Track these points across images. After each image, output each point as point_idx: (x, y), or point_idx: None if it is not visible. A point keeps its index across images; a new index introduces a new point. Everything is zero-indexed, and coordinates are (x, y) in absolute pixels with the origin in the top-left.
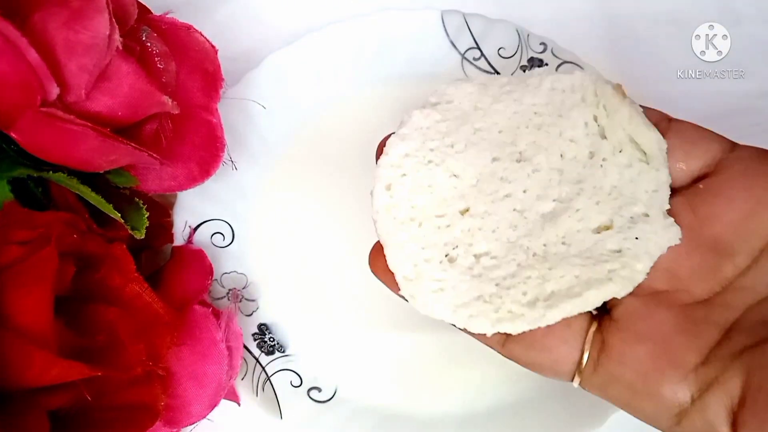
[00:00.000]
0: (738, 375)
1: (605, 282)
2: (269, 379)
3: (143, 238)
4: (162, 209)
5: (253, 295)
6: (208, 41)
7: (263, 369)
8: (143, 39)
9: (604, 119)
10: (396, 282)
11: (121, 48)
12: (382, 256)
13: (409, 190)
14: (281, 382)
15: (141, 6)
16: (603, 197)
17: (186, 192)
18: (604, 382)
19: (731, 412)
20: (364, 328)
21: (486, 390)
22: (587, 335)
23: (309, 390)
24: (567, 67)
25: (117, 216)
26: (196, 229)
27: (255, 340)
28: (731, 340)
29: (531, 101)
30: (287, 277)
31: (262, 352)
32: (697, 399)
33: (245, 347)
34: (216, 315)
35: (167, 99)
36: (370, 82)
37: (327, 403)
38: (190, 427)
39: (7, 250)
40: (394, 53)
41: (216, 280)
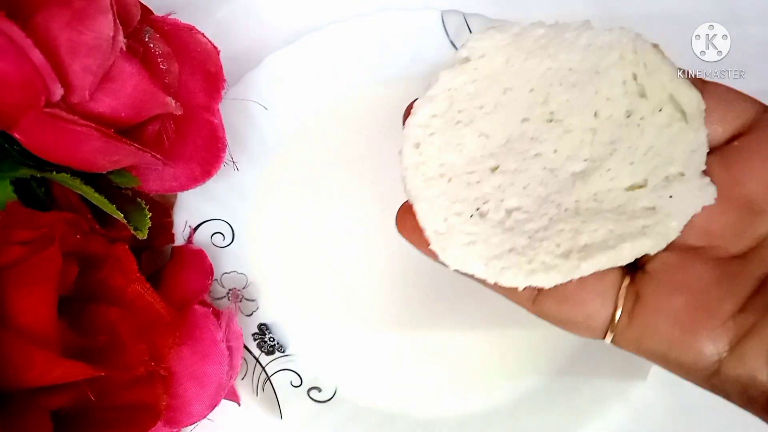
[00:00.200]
0: None
1: (639, 236)
2: (269, 379)
3: (144, 238)
4: (162, 209)
5: (253, 295)
6: (210, 42)
7: (263, 369)
8: (146, 40)
9: (644, 77)
10: (424, 240)
11: (125, 49)
12: (409, 215)
13: (438, 148)
14: (281, 382)
15: (143, 7)
16: (638, 157)
17: (186, 192)
18: (639, 335)
19: None
20: (364, 328)
21: (485, 390)
22: (621, 288)
23: (309, 390)
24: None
25: (120, 216)
26: (196, 229)
27: (255, 340)
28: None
29: (566, 57)
30: (287, 277)
31: (262, 352)
32: (735, 346)
33: (245, 347)
34: (216, 315)
35: (170, 100)
36: (370, 82)
37: (327, 403)
38: (190, 427)
39: (10, 250)
40: (394, 53)
41: (216, 280)
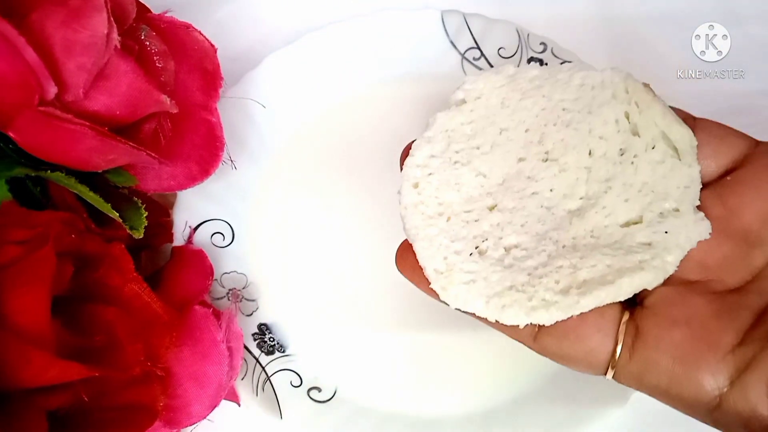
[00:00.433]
0: None
1: (637, 271)
2: (269, 379)
3: (142, 237)
4: (161, 208)
5: (253, 295)
6: (207, 40)
7: (263, 369)
8: (142, 38)
9: (636, 116)
10: (425, 279)
11: (120, 47)
12: (409, 254)
13: (436, 187)
14: (281, 382)
15: (140, 5)
16: (632, 194)
17: (186, 192)
18: (640, 370)
19: None
20: (364, 328)
21: (485, 390)
22: (620, 324)
23: (309, 390)
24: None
25: (115, 215)
26: (195, 229)
27: (255, 340)
28: (766, 321)
29: (560, 97)
30: (287, 277)
31: (262, 352)
32: (736, 380)
33: (245, 347)
34: (216, 316)
35: (165, 98)
36: (370, 82)
37: (327, 403)
38: (190, 428)
39: (5, 249)
40: (394, 53)
41: (216, 280)
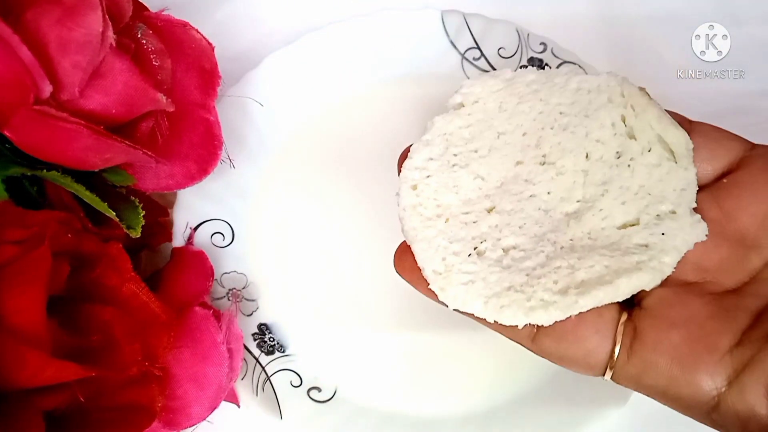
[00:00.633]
0: None
1: (635, 271)
2: (269, 379)
3: (141, 236)
4: (160, 208)
5: (253, 295)
6: (204, 38)
7: (263, 369)
8: (138, 36)
9: (632, 119)
10: (423, 280)
11: (115, 45)
12: (407, 255)
13: (435, 189)
14: (281, 382)
15: (136, 3)
16: (629, 197)
17: (186, 191)
18: (638, 371)
19: None
20: (364, 328)
21: (485, 390)
22: (618, 325)
23: (309, 390)
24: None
25: (112, 214)
26: (195, 230)
27: (255, 340)
28: (764, 323)
29: (557, 101)
30: (287, 277)
31: (262, 352)
32: (734, 381)
33: (245, 347)
34: (217, 317)
35: (162, 96)
36: (369, 82)
37: (327, 403)
38: (189, 429)
39: (1, 249)
40: (394, 53)
41: (216, 280)
